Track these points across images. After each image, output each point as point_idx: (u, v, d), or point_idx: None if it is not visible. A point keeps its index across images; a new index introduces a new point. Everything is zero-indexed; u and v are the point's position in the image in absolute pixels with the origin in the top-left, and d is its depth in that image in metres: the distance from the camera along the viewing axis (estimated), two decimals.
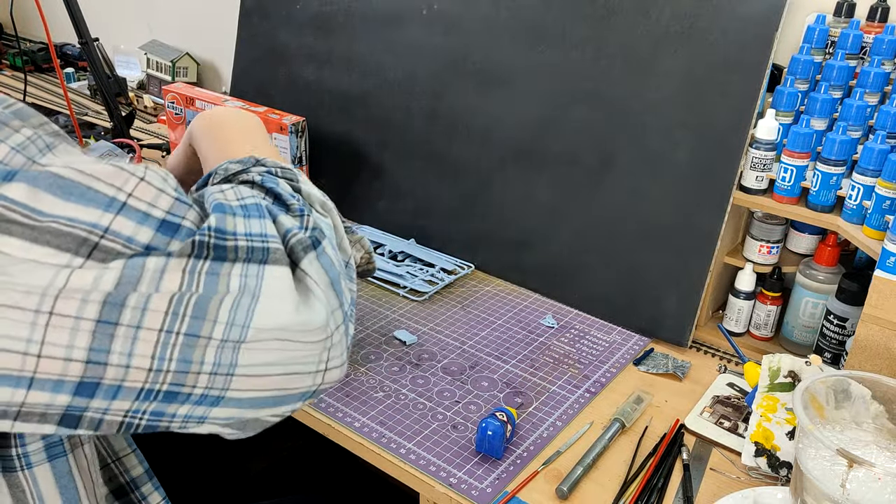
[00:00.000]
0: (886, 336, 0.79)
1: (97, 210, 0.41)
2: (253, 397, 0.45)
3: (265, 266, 0.44)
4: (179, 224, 0.43)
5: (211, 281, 0.42)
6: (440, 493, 0.73)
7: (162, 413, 0.44)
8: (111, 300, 0.40)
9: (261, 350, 0.43)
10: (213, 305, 0.42)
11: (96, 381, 0.41)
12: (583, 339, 0.98)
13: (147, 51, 1.81)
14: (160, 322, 0.41)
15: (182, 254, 0.42)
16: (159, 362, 0.41)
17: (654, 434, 0.82)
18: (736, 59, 0.92)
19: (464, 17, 1.15)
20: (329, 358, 0.47)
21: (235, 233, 0.44)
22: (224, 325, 0.42)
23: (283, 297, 0.44)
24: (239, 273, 0.43)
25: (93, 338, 0.40)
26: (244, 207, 0.46)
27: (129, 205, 0.42)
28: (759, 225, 0.97)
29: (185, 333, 0.41)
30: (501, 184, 1.12)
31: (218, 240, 0.43)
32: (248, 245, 0.44)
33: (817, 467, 0.61)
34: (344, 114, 1.30)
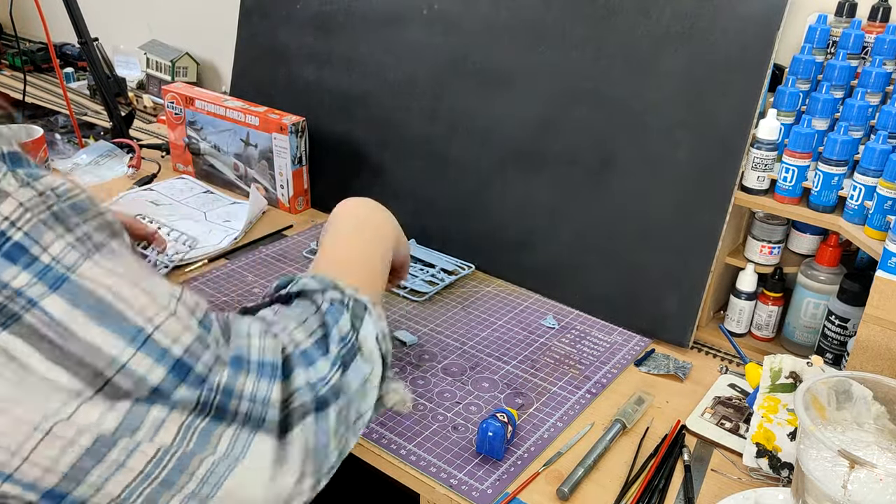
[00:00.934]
0: (888, 337, 0.79)
1: (121, 342, 0.42)
2: None
3: (255, 434, 0.46)
4: (192, 368, 0.44)
5: (202, 440, 0.44)
6: (441, 495, 0.73)
7: None
8: (104, 440, 0.42)
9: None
10: (195, 462, 0.44)
11: (65, 493, 0.43)
12: (584, 340, 0.98)
13: (147, 51, 1.81)
14: (143, 465, 0.43)
15: (185, 408, 0.44)
16: (128, 494, 0.44)
17: (655, 435, 0.82)
18: (737, 58, 0.92)
19: (464, 17, 1.15)
20: None
21: (242, 394, 0.46)
22: (197, 482, 0.44)
23: (259, 470, 0.46)
24: (230, 437, 0.45)
25: (78, 459, 0.42)
26: (261, 365, 0.48)
27: (153, 339, 0.43)
28: (760, 225, 0.96)
29: (161, 481, 0.44)
30: (501, 184, 1.12)
31: (223, 399, 0.45)
32: (249, 409, 0.46)
33: (819, 468, 0.61)
34: (344, 114, 1.30)
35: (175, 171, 1.46)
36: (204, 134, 1.38)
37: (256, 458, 0.46)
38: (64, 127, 1.71)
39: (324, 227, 0.75)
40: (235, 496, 0.46)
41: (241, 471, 0.45)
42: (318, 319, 0.53)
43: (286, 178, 1.29)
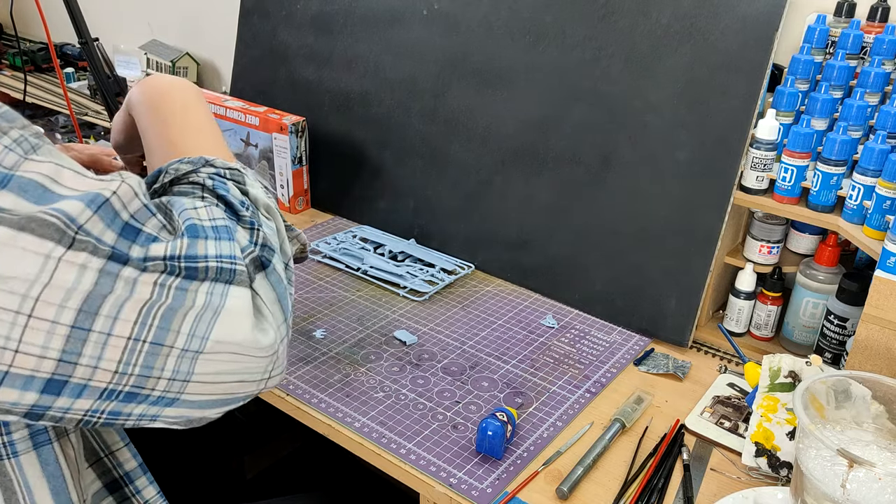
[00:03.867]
0: (887, 336, 0.79)
1: (78, 205, 0.44)
2: (203, 400, 0.50)
3: (230, 286, 0.48)
4: (140, 230, 0.47)
5: (179, 295, 0.46)
6: (440, 494, 0.73)
7: (119, 413, 0.48)
8: (86, 308, 0.43)
9: (215, 361, 0.48)
10: (178, 317, 0.46)
11: (64, 379, 0.44)
12: (583, 340, 0.98)
13: (147, 51, 1.81)
14: (129, 331, 0.45)
15: (154, 269, 0.46)
16: (124, 366, 0.45)
17: (654, 434, 0.82)
18: (736, 58, 0.92)
19: (464, 17, 1.15)
20: (273, 367, 0.52)
21: (206, 256, 0.48)
22: (186, 336, 0.46)
23: (241, 316, 0.48)
24: (206, 291, 0.47)
25: (66, 341, 0.43)
26: (216, 230, 0.50)
27: (110, 203, 0.46)
28: (759, 225, 0.97)
29: (150, 342, 0.45)
30: (501, 184, 1.12)
31: (189, 263, 0.47)
32: (218, 266, 0.48)
33: (818, 467, 0.61)
34: (344, 114, 1.30)
35: None
36: None
37: (236, 306, 0.48)
38: (64, 127, 1.71)
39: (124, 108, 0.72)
40: (225, 343, 0.47)
41: (225, 319, 0.47)
42: (211, 193, 0.55)
43: (286, 178, 1.30)
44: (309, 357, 0.92)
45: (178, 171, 0.57)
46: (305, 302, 1.04)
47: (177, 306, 0.46)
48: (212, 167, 0.58)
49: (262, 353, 0.50)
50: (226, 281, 0.48)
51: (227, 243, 0.50)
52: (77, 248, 0.43)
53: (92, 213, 0.44)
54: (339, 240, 1.20)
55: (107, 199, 0.46)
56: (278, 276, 0.53)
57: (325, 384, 0.87)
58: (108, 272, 0.44)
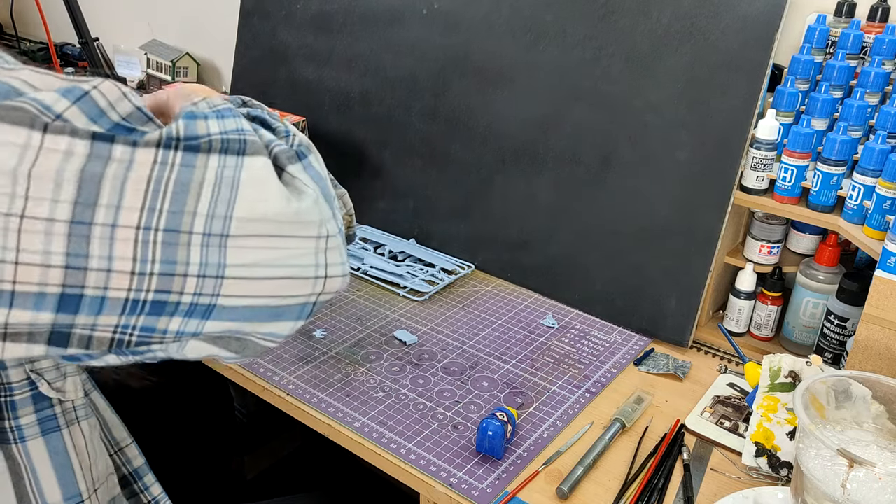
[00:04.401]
0: (887, 336, 0.79)
1: (53, 94, 0.39)
2: (247, 306, 0.42)
3: (243, 157, 0.41)
4: (134, 129, 0.40)
5: (185, 171, 0.39)
6: (440, 493, 0.73)
7: (153, 329, 0.41)
8: (82, 199, 0.37)
9: (249, 248, 0.40)
10: (190, 196, 0.39)
11: (78, 291, 0.38)
12: (583, 340, 0.98)
13: (147, 51, 1.81)
14: (136, 219, 0.38)
15: (149, 143, 0.39)
16: (142, 264, 0.38)
17: (654, 434, 0.82)
18: (737, 58, 0.92)
19: (464, 16, 1.15)
20: (328, 262, 0.43)
21: (209, 133, 0.41)
22: (205, 218, 0.39)
23: (265, 185, 0.41)
24: (215, 164, 0.40)
25: (68, 241, 0.37)
26: (217, 111, 0.43)
27: (90, 96, 0.40)
28: (759, 225, 0.97)
29: (164, 229, 0.39)
30: (502, 184, 1.12)
31: (188, 141, 0.40)
32: (223, 138, 0.41)
33: (818, 467, 0.61)
34: (344, 114, 1.30)
35: None
36: None
37: (256, 175, 0.40)
38: None
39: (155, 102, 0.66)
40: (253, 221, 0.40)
41: (246, 192, 0.40)
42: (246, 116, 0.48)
43: None
44: (309, 357, 0.92)
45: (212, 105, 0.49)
46: None
47: (185, 182, 0.39)
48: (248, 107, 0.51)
49: (304, 230, 0.42)
50: (236, 152, 0.41)
51: (232, 119, 0.43)
52: (55, 131, 0.38)
53: (70, 104, 0.39)
54: None
55: (86, 92, 0.40)
56: (318, 173, 0.45)
57: (325, 384, 0.87)
58: (96, 155, 0.38)
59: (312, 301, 0.44)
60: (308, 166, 0.44)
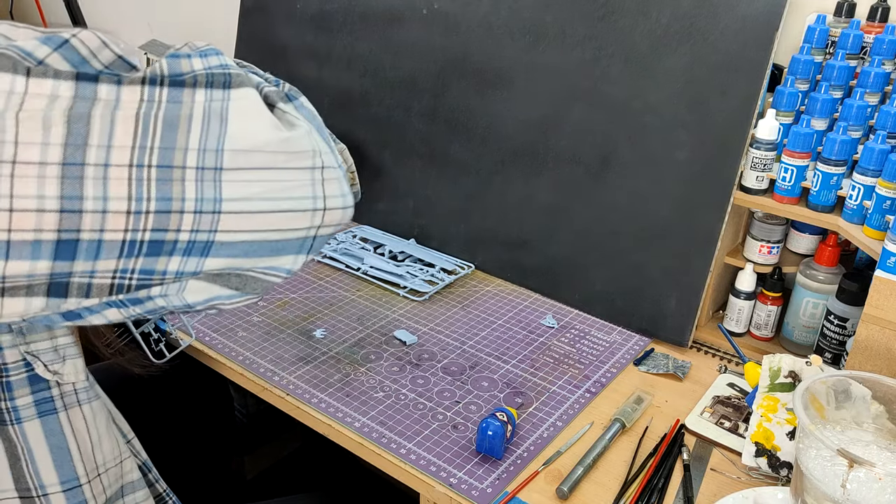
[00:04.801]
0: (887, 336, 0.79)
1: (32, 42, 0.39)
2: (245, 241, 0.41)
3: (229, 90, 0.41)
4: (119, 77, 0.40)
5: (173, 107, 0.39)
6: (440, 494, 0.73)
7: (152, 271, 0.41)
8: (72, 141, 0.37)
9: (243, 181, 0.40)
10: (180, 130, 0.39)
11: (74, 236, 0.38)
12: (583, 340, 0.98)
13: (147, 50, 1.81)
14: (128, 156, 0.38)
15: (134, 81, 0.39)
16: (137, 203, 0.38)
17: (654, 434, 0.82)
18: (736, 58, 0.92)
19: (464, 16, 1.15)
20: (326, 194, 0.43)
21: (193, 70, 0.41)
22: (196, 152, 0.39)
23: (256, 115, 0.40)
24: (202, 98, 0.40)
25: (62, 184, 0.37)
26: (200, 51, 0.43)
27: (71, 44, 0.39)
28: (759, 225, 0.97)
29: (156, 166, 0.38)
30: (501, 184, 1.12)
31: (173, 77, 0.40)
32: (207, 73, 0.41)
33: (818, 467, 0.61)
34: (344, 113, 1.30)
35: None
36: None
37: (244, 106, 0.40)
38: None
39: None
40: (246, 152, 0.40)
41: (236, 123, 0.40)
42: None
43: None
44: (309, 357, 0.92)
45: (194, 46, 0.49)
46: (305, 302, 1.04)
47: (174, 117, 0.39)
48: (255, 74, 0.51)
49: (298, 161, 0.41)
50: (222, 85, 0.41)
51: (215, 57, 0.42)
52: (38, 75, 0.37)
53: (51, 50, 0.38)
54: (339, 240, 1.20)
55: (66, 40, 0.39)
56: (310, 111, 0.45)
57: (325, 384, 0.87)
58: (81, 95, 0.38)
59: (312, 234, 0.43)
60: (300, 106, 0.44)
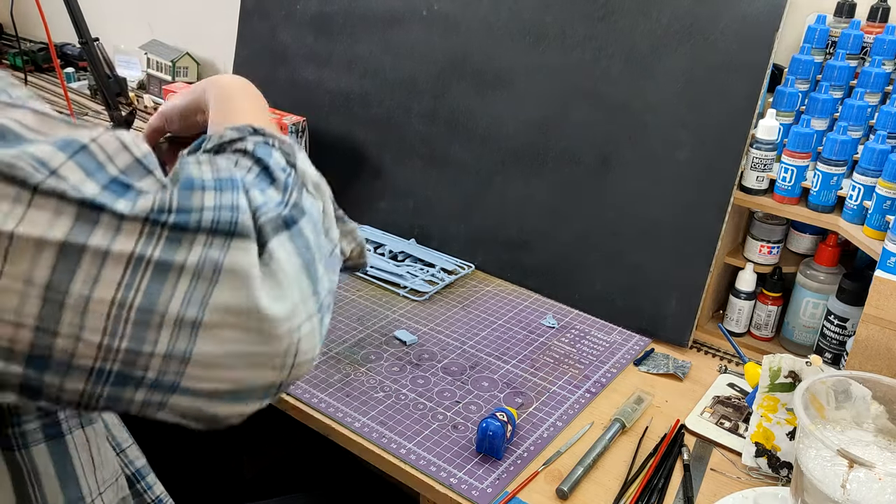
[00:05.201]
0: (887, 336, 0.79)
1: (50, 148, 0.38)
2: (210, 389, 0.41)
3: (231, 239, 0.40)
4: (130, 185, 0.40)
5: (169, 248, 0.39)
6: (440, 494, 0.73)
7: (118, 398, 0.41)
8: (62, 266, 0.37)
9: (219, 338, 0.40)
10: (168, 282, 0.39)
11: (46, 352, 0.38)
12: (583, 340, 0.98)
13: (147, 51, 1.81)
14: (113, 292, 0.38)
15: (137, 217, 0.39)
16: (111, 338, 0.38)
17: (654, 434, 0.82)
18: (736, 59, 0.92)
19: (464, 17, 1.15)
20: (297, 352, 0.42)
21: (203, 206, 0.40)
22: (180, 303, 0.39)
23: (247, 277, 0.40)
24: (202, 243, 0.39)
25: (42, 305, 0.37)
26: (218, 181, 0.42)
27: (89, 150, 0.39)
28: (759, 225, 0.97)
29: (137, 308, 0.38)
30: (501, 184, 1.12)
31: (179, 215, 0.40)
32: (215, 215, 0.40)
33: (818, 467, 0.61)
34: (344, 114, 1.30)
35: None
36: None
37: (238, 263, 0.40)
38: None
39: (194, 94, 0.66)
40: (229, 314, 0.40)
41: (227, 280, 0.39)
42: (251, 159, 0.47)
43: None
44: None
45: (222, 137, 0.50)
46: None
47: (167, 262, 0.39)
48: (261, 136, 0.51)
49: (276, 328, 0.41)
50: (226, 232, 0.40)
51: (230, 193, 0.42)
52: (45, 191, 0.37)
53: (66, 158, 0.38)
54: None
55: (84, 146, 0.39)
56: (306, 240, 0.44)
57: (325, 384, 0.87)
58: (83, 221, 0.38)
59: (278, 384, 0.43)
60: (296, 235, 0.44)
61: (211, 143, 0.51)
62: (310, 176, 0.50)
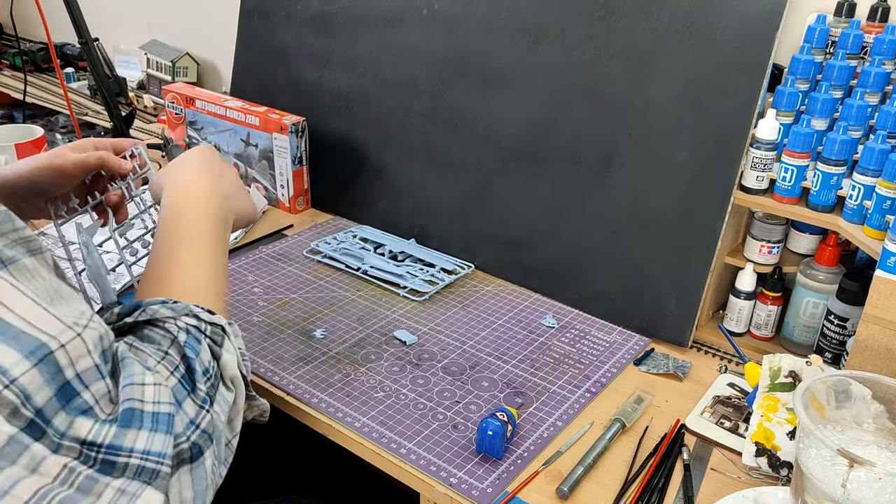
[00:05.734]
0: (887, 336, 0.79)
1: (17, 356, 0.41)
2: None
3: (146, 487, 0.44)
4: (78, 394, 0.43)
5: (86, 485, 0.42)
6: (440, 493, 0.73)
7: None
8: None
9: None
10: None
11: None
12: (583, 339, 0.98)
13: (147, 51, 1.81)
14: None
15: (69, 453, 0.42)
16: None
17: (654, 434, 0.82)
18: (737, 58, 0.92)
19: (464, 16, 1.15)
20: None
21: (133, 449, 0.45)
22: None
23: None
24: (117, 487, 0.43)
25: None
26: (155, 418, 0.46)
27: (54, 357, 0.42)
28: (759, 225, 0.97)
29: None
30: (501, 184, 1.12)
31: (109, 454, 0.44)
32: (141, 464, 0.44)
33: (818, 467, 0.61)
34: (344, 114, 1.30)
35: None
36: (204, 134, 1.38)
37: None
38: (64, 127, 1.71)
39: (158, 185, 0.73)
40: None
41: None
42: (178, 352, 0.52)
43: (286, 178, 1.30)
44: (309, 357, 0.92)
45: (155, 313, 0.55)
46: (305, 302, 1.04)
47: (77, 498, 0.42)
48: (194, 318, 0.55)
49: None
50: (144, 481, 0.45)
51: (162, 437, 0.46)
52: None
53: (30, 366, 0.41)
54: (339, 240, 1.20)
55: (51, 353, 0.42)
56: (204, 472, 0.49)
57: (325, 384, 0.87)
58: (18, 441, 0.41)
59: None
60: (197, 467, 0.48)
61: (145, 315, 0.55)
62: (229, 370, 0.54)
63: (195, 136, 1.39)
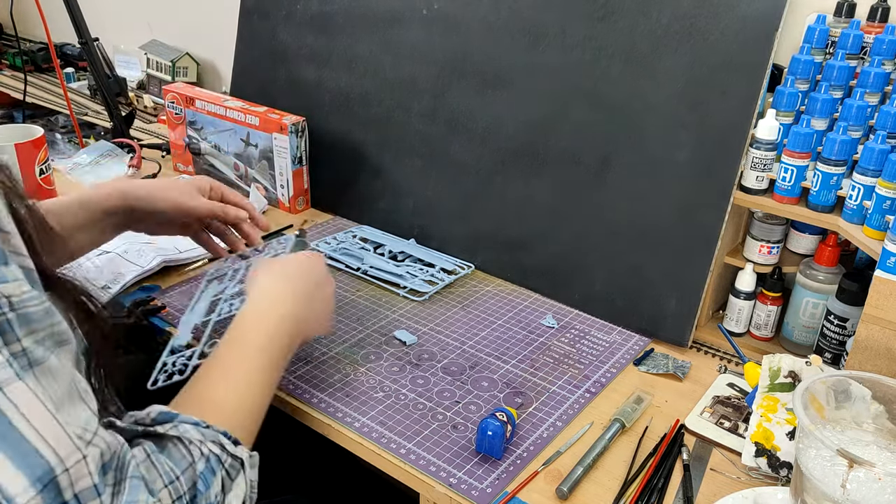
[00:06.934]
0: (887, 336, 0.79)
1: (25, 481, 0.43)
2: None
3: None
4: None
5: None
6: (440, 493, 0.73)
7: None
8: None
9: None
10: None
11: None
12: (583, 340, 0.98)
13: (147, 51, 1.81)
14: None
15: None
16: None
17: (654, 434, 0.82)
18: (736, 58, 0.92)
19: (464, 17, 1.15)
20: None
21: None
22: None
23: None
24: None
25: None
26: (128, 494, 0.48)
27: (57, 481, 0.44)
28: (759, 225, 0.97)
29: None
30: (501, 184, 1.12)
31: None
32: None
33: (818, 467, 0.61)
34: (344, 114, 1.30)
35: (175, 171, 1.46)
36: (204, 134, 1.38)
37: None
38: (64, 127, 1.71)
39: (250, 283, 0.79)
40: None
41: None
42: (189, 479, 0.54)
43: (286, 178, 1.30)
44: (309, 357, 0.92)
45: (185, 432, 0.57)
46: None
47: None
48: (219, 447, 0.58)
49: None
50: None
51: None
52: None
53: (35, 493, 0.44)
54: (339, 240, 1.20)
55: (54, 478, 0.44)
56: None
57: (325, 384, 0.87)
58: None
59: None
60: None
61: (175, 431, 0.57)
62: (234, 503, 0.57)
63: (195, 136, 1.40)
